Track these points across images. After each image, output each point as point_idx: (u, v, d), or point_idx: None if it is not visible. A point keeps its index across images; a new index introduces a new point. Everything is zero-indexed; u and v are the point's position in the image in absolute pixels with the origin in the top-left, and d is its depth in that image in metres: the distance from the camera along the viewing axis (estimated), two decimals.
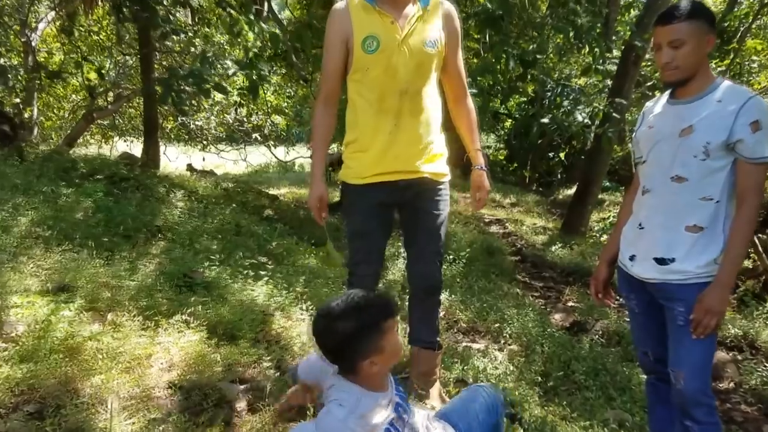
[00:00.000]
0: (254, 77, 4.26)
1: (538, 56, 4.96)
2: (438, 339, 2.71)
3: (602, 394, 3.13)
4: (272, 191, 11.55)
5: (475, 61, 5.11)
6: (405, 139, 2.25)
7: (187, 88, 4.41)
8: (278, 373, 2.46)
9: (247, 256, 3.85)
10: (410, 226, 2.45)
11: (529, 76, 5.28)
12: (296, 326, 3.02)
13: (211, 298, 2.98)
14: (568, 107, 6.14)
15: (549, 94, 13.06)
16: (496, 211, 11.43)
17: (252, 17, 4.40)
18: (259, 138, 13.89)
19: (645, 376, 2.40)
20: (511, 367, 3.21)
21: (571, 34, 4.78)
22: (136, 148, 12.48)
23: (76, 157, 5.82)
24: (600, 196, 11.88)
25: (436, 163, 2.35)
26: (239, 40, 4.54)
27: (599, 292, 2.35)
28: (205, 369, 2.29)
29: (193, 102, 9.42)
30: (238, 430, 1.99)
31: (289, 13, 8.07)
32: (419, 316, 2.62)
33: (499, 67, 4.61)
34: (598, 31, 4.90)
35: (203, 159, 15.13)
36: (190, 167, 14.39)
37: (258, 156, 17.74)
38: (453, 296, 4.39)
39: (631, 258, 2.13)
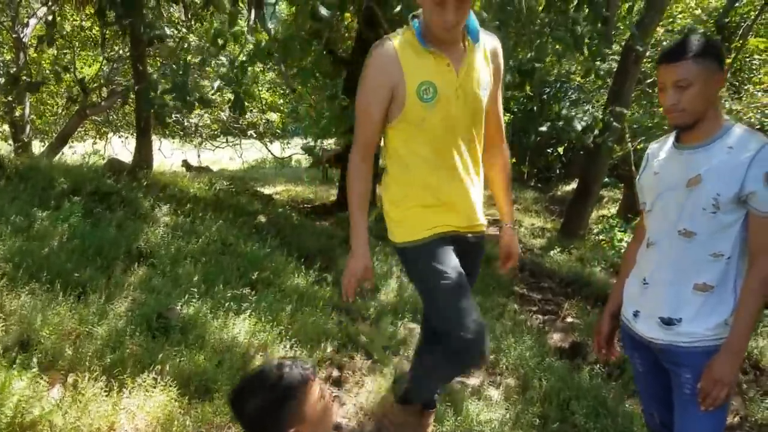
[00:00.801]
0: (239, 91, 4.07)
1: (536, 64, 4.76)
2: (438, 394, 2.52)
3: None
4: (268, 189, 11.41)
5: None
6: (469, 192, 2.03)
7: (169, 102, 4.22)
8: None
9: (230, 286, 3.67)
10: None
11: (527, 85, 5.08)
12: None
13: (187, 343, 2.79)
14: (566, 114, 5.96)
15: (548, 90, 12.83)
16: (493, 210, 11.24)
17: (240, 25, 4.22)
18: (254, 135, 13.70)
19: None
20: (508, 413, 3.03)
21: (571, 41, 4.59)
22: (131, 144, 12.31)
23: (59, 168, 5.60)
24: (600, 193, 11.72)
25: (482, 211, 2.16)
26: (226, 51, 4.34)
27: (602, 348, 2.19)
28: None
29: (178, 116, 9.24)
30: None
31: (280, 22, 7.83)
32: None
33: None
34: (597, 40, 4.70)
35: (198, 156, 14.95)
36: (185, 164, 14.25)
37: (254, 151, 17.57)
38: None
39: (635, 314, 1.96)
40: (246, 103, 4.06)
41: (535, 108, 11.75)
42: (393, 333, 3.91)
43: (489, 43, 2.02)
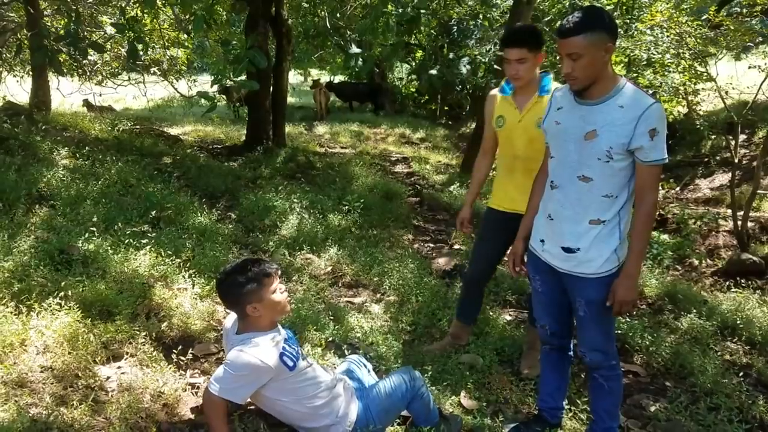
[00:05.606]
0: (132, 39, 4.16)
1: (421, 11, 5.07)
2: None
3: None
4: (175, 130, 11.18)
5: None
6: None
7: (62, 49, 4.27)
8: (154, 348, 2.66)
9: (132, 223, 3.92)
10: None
11: (414, 30, 5.40)
12: (177, 296, 3.19)
13: (89, 274, 3.08)
14: (453, 58, 6.34)
15: (455, 28, 13.16)
16: (404, 148, 11.64)
17: None
18: (157, 72, 13.21)
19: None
20: (383, 321, 3.53)
21: None
22: (28, 84, 11.71)
23: None
24: None
25: None
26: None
27: (517, 266, 2.57)
28: (79, 350, 2.45)
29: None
30: (106, 408, 2.20)
31: None
32: None
33: (379, 27, 4.73)
34: None
35: (100, 94, 14.31)
36: (86, 103, 13.64)
37: (161, 89, 16.83)
38: (342, 250, 4.64)
39: (542, 242, 2.36)
40: (143, 45, 4.14)
41: (423, 65, 12.00)
42: (291, 262, 4.31)
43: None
